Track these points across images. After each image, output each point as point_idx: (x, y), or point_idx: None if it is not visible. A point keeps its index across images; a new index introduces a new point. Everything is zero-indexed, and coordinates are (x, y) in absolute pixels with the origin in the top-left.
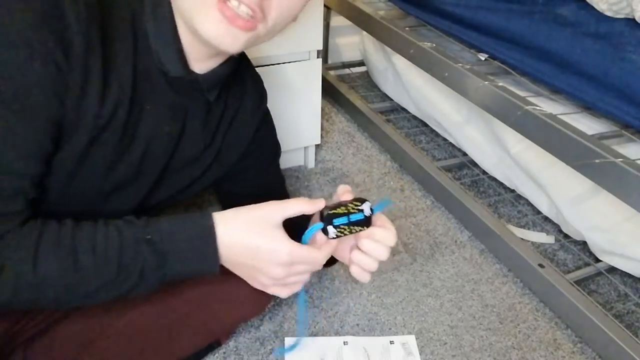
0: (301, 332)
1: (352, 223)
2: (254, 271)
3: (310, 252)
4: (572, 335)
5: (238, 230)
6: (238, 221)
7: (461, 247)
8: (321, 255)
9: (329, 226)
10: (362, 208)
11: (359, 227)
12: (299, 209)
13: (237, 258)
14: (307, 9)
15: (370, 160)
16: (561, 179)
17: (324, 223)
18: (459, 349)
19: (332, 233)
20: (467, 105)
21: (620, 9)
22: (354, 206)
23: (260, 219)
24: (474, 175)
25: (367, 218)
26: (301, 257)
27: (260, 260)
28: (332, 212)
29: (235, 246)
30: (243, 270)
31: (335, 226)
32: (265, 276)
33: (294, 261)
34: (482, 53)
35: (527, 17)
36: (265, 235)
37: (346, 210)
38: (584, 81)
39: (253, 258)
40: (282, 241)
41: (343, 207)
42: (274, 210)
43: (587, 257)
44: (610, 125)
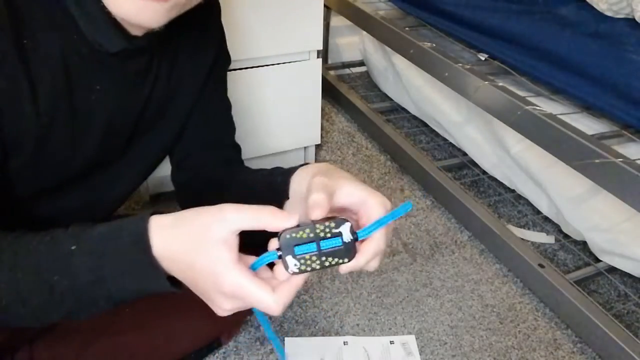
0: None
1: (325, 253)
2: (203, 297)
3: (259, 291)
4: (572, 335)
5: (176, 243)
6: (177, 229)
7: (461, 247)
8: (272, 301)
9: (288, 256)
10: (339, 231)
11: (335, 259)
12: (259, 222)
13: (182, 277)
14: (307, 9)
15: (370, 160)
16: (561, 179)
17: (281, 251)
18: (459, 349)
19: (293, 266)
20: (467, 105)
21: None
22: (327, 227)
23: (203, 231)
24: (474, 175)
25: (347, 245)
26: (247, 294)
27: (202, 285)
28: (293, 235)
29: (175, 262)
30: (196, 292)
31: (298, 256)
32: (215, 306)
33: (238, 295)
34: (482, 53)
35: (527, 17)
36: (206, 254)
37: (314, 234)
38: (584, 81)
39: (196, 282)
40: (227, 266)
41: (310, 228)
42: (222, 219)
43: (587, 257)
44: (610, 125)
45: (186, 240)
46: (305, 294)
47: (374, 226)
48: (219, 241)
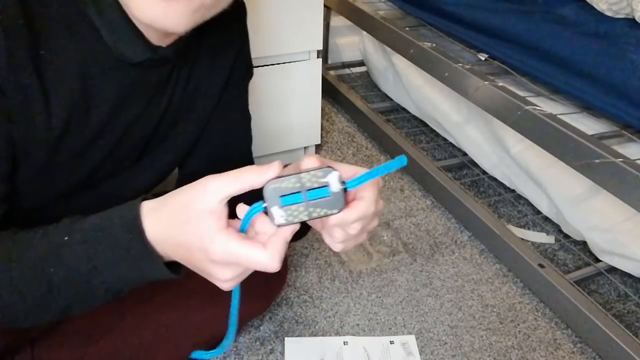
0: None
1: (312, 203)
2: (203, 273)
3: (250, 251)
4: (572, 335)
5: (165, 224)
6: (165, 210)
7: (461, 247)
8: (267, 257)
9: (274, 207)
10: (326, 180)
11: (323, 210)
12: (245, 183)
13: (177, 257)
14: (307, 9)
15: (370, 160)
16: (561, 179)
17: (267, 202)
18: (459, 349)
19: (280, 217)
20: (467, 105)
21: (620, 9)
22: (314, 177)
23: (188, 206)
24: (474, 175)
25: (335, 195)
26: (239, 257)
27: (196, 260)
28: (278, 185)
29: (167, 244)
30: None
31: (284, 207)
32: (216, 279)
33: (232, 261)
34: (482, 53)
35: (527, 17)
36: (193, 227)
37: (300, 184)
38: (584, 81)
39: (190, 259)
40: (214, 235)
41: (296, 178)
42: (204, 190)
43: (587, 257)
44: (610, 125)
45: (174, 218)
46: (305, 294)
47: (365, 177)
48: (204, 212)
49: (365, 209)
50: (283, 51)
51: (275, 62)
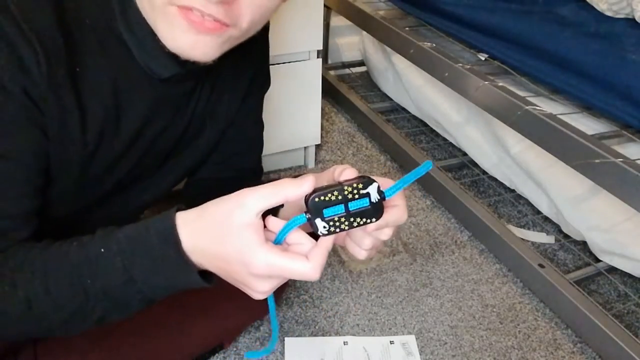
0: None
1: (353, 213)
2: (238, 284)
3: (293, 263)
4: (572, 335)
5: (203, 236)
6: (202, 222)
7: (461, 247)
8: (310, 268)
9: (317, 219)
10: (367, 192)
11: (364, 219)
12: (281, 196)
13: (214, 269)
14: (307, 9)
15: (370, 160)
16: (561, 179)
17: (310, 214)
18: (459, 349)
19: (323, 228)
20: (467, 105)
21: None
22: (355, 189)
23: (226, 219)
24: (474, 175)
25: (374, 205)
26: (282, 269)
27: (235, 273)
28: (321, 198)
29: (204, 255)
30: (231, 281)
31: (327, 219)
32: (253, 291)
33: (274, 274)
34: (482, 53)
35: (527, 17)
36: (233, 241)
37: (342, 196)
38: (584, 81)
39: (228, 271)
40: (255, 249)
41: (338, 190)
42: (242, 204)
43: (587, 257)
44: (610, 125)
45: (212, 231)
46: (305, 294)
47: (400, 184)
48: (242, 226)
49: (399, 215)
50: (283, 51)
51: (275, 62)
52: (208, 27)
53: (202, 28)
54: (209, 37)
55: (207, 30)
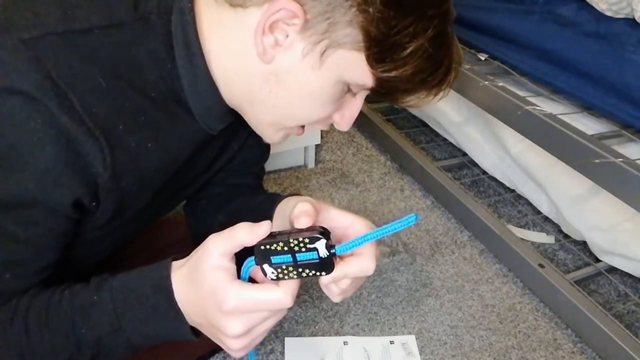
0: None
1: (301, 264)
2: (214, 331)
3: (263, 292)
4: (572, 335)
5: (184, 283)
6: (184, 268)
7: (461, 247)
8: (281, 294)
9: (265, 264)
10: (313, 247)
11: (312, 271)
12: (237, 241)
13: (193, 317)
14: None
15: (370, 160)
16: (561, 179)
17: (257, 260)
18: (459, 349)
19: (271, 274)
20: (467, 105)
21: (620, 9)
22: (301, 243)
23: (198, 265)
24: (474, 175)
25: (323, 260)
26: (254, 301)
27: (210, 315)
28: (267, 247)
29: (188, 303)
30: (207, 332)
31: (274, 265)
32: (226, 337)
33: (248, 307)
34: (482, 53)
35: (527, 17)
36: (204, 282)
37: (288, 247)
38: (584, 81)
39: (204, 315)
40: (225, 286)
41: (283, 242)
42: (207, 250)
43: (587, 257)
44: (610, 125)
45: (189, 277)
46: (305, 294)
47: (356, 242)
48: (211, 268)
49: (360, 266)
50: None
51: None
52: (296, 132)
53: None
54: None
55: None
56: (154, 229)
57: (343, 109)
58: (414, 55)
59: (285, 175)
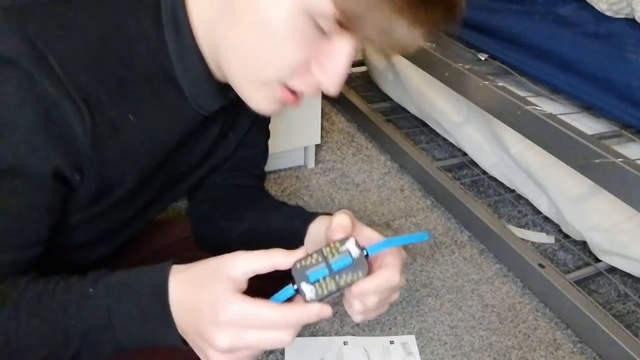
0: None
1: (337, 272)
2: (199, 340)
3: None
4: (572, 335)
5: (185, 286)
6: (188, 272)
7: (461, 247)
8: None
9: (303, 283)
10: (345, 248)
11: (349, 276)
12: (270, 262)
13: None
14: None
15: (370, 160)
16: (561, 179)
17: (295, 280)
18: (459, 349)
19: (310, 292)
20: (467, 105)
21: (620, 9)
22: (333, 248)
23: (213, 271)
24: (474, 175)
25: (357, 261)
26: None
27: (200, 323)
28: (302, 263)
29: (182, 306)
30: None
31: (312, 282)
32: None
33: (241, 323)
34: (482, 53)
35: (527, 17)
36: (211, 289)
37: (322, 257)
38: (584, 81)
39: (195, 321)
40: (228, 296)
41: (317, 253)
42: (232, 261)
43: (587, 257)
44: (610, 125)
45: (196, 279)
46: None
47: (385, 244)
48: (226, 276)
49: (387, 276)
50: None
51: None
52: (291, 101)
53: (287, 101)
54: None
55: (288, 102)
56: (153, 229)
57: (320, 58)
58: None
59: (285, 175)
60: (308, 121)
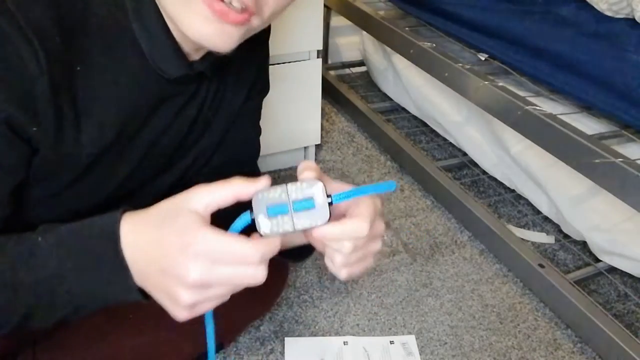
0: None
1: (297, 214)
2: (164, 279)
3: (238, 243)
4: (572, 335)
5: (142, 225)
6: (146, 214)
7: (461, 247)
8: (253, 251)
9: (260, 215)
10: (311, 192)
11: (308, 221)
12: (231, 191)
13: (143, 263)
14: (307, 9)
15: (370, 160)
16: (561, 179)
17: (253, 212)
18: (459, 349)
19: (265, 226)
20: (467, 105)
21: (620, 9)
22: (299, 189)
23: (173, 207)
24: (474, 175)
25: (320, 207)
26: (224, 249)
27: (167, 259)
28: (265, 194)
29: (139, 245)
30: (154, 284)
31: (270, 217)
32: (179, 284)
33: (213, 256)
34: (482, 53)
35: (527, 17)
36: (175, 223)
37: (285, 194)
38: (584, 81)
39: (159, 258)
40: (193, 224)
41: (281, 189)
42: (192, 196)
43: (587, 257)
44: (610, 125)
45: (154, 219)
46: (305, 294)
47: (353, 193)
48: (189, 211)
49: (355, 224)
50: (283, 51)
51: (275, 62)
52: (233, 19)
53: (227, 19)
54: (233, 28)
55: (231, 21)
56: None
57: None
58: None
59: (285, 175)
60: (308, 121)
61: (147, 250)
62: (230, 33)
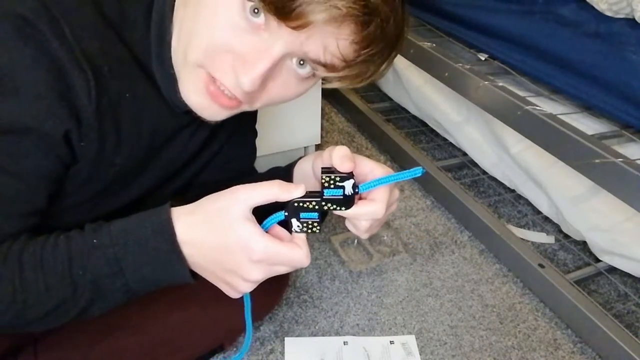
0: (248, 338)
1: (326, 199)
2: (228, 276)
3: (290, 250)
4: (572, 335)
5: (199, 228)
6: (198, 215)
7: (461, 247)
8: (303, 254)
9: (294, 219)
10: (342, 185)
11: (333, 206)
12: (270, 196)
13: (204, 261)
14: None
15: None
16: (561, 179)
17: (288, 214)
18: (459, 349)
19: (297, 227)
20: (467, 105)
21: (620, 9)
22: (332, 180)
23: (223, 212)
24: (474, 175)
25: (347, 197)
26: (279, 256)
27: (231, 262)
28: (301, 204)
29: (199, 247)
30: (214, 276)
31: (301, 220)
32: (242, 280)
33: (272, 260)
34: (482, 53)
35: (527, 17)
36: (232, 231)
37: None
38: (584, 81)
39: (222, 261)
40: (254, 236)
41: (315, 198)
42: (237, 199)
43: (587, 257)
44: (610, 125)
45: (210, 224)
46: (305, 294)
47: (376, 182)
48: (240, 219)
49: (373, 210)
50: None
51: None
52: (223, 103)
53: (217, 101)
54: (222, 108)
55: (221, 104)
56: None
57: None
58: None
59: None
60: (308, 121)
61: (209, 250)
62: (218, 111)
